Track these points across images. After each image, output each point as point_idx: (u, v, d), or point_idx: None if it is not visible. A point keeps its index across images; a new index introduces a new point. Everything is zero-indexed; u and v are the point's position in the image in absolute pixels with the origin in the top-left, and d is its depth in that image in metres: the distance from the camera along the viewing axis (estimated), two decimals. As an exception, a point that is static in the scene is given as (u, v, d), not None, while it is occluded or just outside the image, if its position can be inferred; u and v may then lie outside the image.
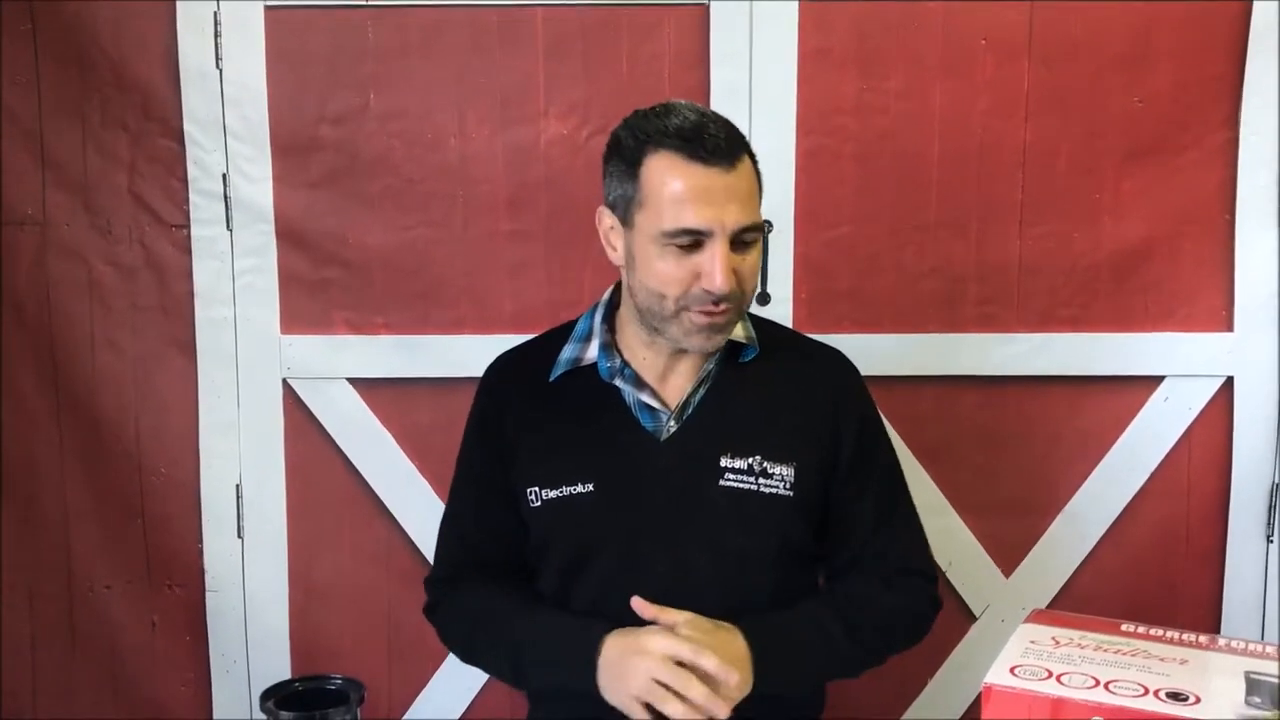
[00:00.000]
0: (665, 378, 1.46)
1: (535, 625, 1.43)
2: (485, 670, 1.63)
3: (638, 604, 1.33)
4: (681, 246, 1.33)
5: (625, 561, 1.43)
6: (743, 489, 1.41)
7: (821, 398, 1.49)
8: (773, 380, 1.47)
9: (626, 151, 1.38)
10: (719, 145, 1.32)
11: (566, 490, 1.43)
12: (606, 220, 1.44)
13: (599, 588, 1.44)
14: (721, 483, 1.41)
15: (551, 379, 1.48)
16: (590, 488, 1.42)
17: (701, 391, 1.45)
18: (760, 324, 1.53)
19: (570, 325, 1.54)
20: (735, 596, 1.42)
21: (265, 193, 2.06)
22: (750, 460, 1.42)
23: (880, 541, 1.51)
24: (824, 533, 1.50)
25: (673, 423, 1.44)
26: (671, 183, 1.32)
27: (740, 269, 1.35)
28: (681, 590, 1.40)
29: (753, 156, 1.39)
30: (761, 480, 1.41)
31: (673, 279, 1.34)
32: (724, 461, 1.41)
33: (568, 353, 1.49)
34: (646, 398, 1.44)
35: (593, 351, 1.47)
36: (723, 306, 1.35)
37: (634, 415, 1.44)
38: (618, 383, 1.44)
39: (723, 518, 1.41)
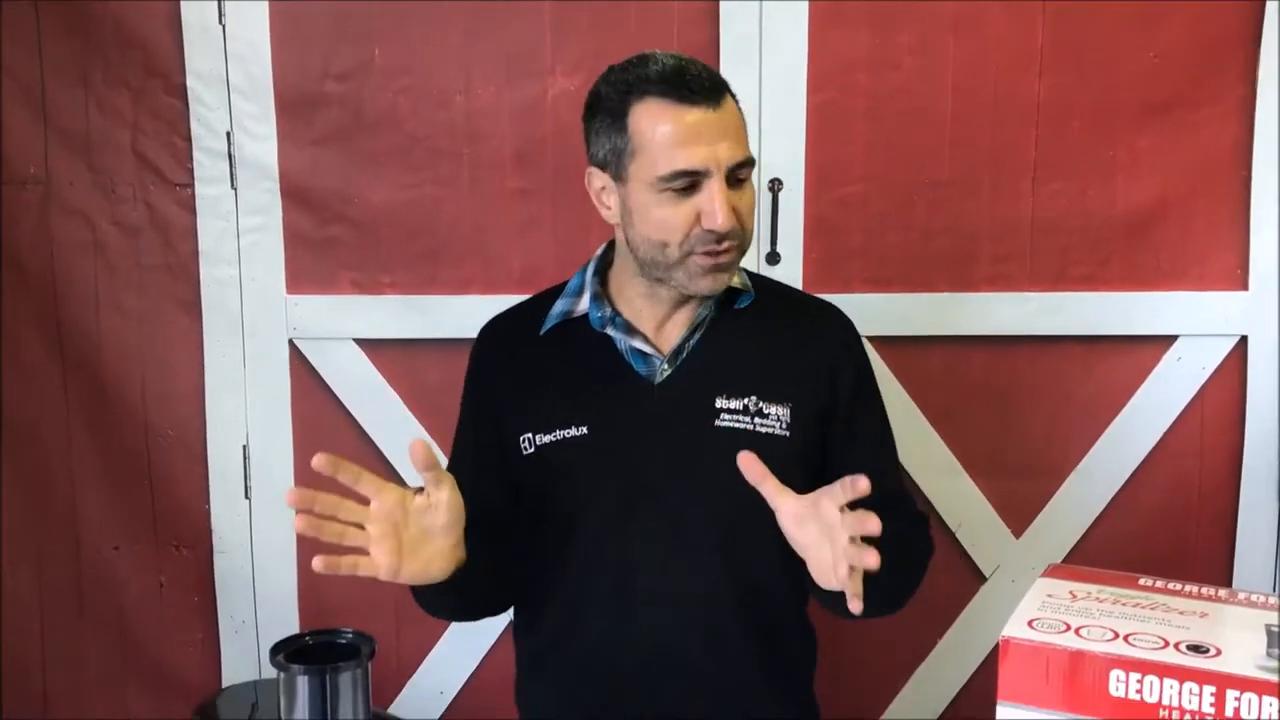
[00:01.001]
0: (661, 326, 1.44)
1: None
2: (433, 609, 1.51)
3: (745, 459, 1.22)
4: (678, 190, 1.32)
5: (622, 504, 1.41)
6: (738, 429, 1.39)
7: (819, 345, 1.48)
8: (768, 326, 1.46)
9: (610, 105, 1.37)
10: (703, 84, 1.32)
11: (560, 434, 1.41)
12: (597, 181, 1.43)
13: (597, 531, 1.42)
14: (717, 423, 1.40)
15: (543, 332, 1.47)
16: (584, 430, 1.41)
17: (696, 336, 1.43)
18: (755, 278, 1.51)
19: (562, 284, 1.53)
20: (733, 538, 1.41)
21: (270, 151, 2.04)
22: (746, 400, 1.40)
23: (878, 489, 1.48)
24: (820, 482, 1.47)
25: (666, 367, 1.42)
26: (661, 127, 1.32)
27: (738, 206, 1.34)
28: (680, 532, 1.40)
29: (734, 97, 1.38)
30: (758, 420, 1.40)
31: (674, 225, 1.33)
32: (719, 402, 1.40)
33: (560, 306, 1.47)
34: (639, 344, 1.42)
35: (584, 304, 1.46)
36: (725, 245, 1.34)
37: (627, 361, 1.43)
38: (609, 331, 1.43)
39: (719, 458, 1.36)
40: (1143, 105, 2.00)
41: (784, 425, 1.41)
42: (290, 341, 2.09)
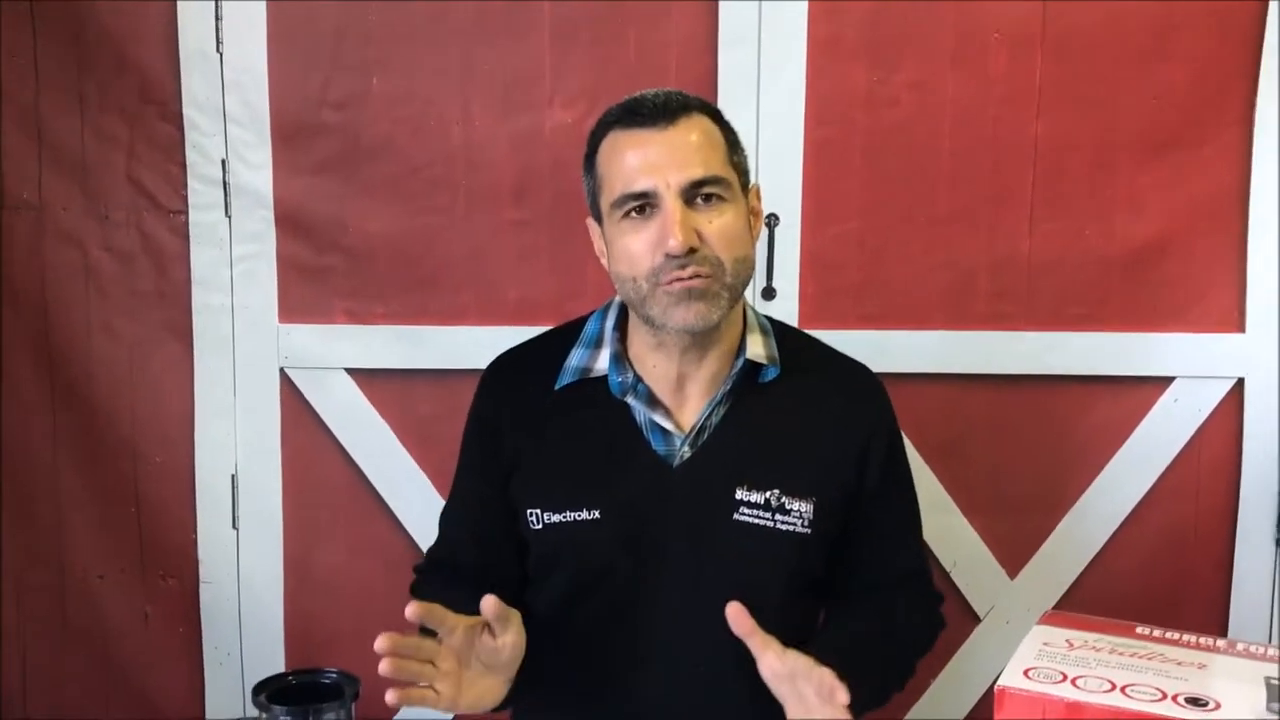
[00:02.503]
0: (679, 393, 1.37)
1: None
2: None
3: (734, 611, 1.21)
4: (637, 216, 1.28)
5: (631, 591, 1.36)
6: (757, 525, 1.34)
7: (848, 425, 1.40)
8: (795, 404, 1.38)
9: (588, 151, 1.36)
10: (654, 107, 1.28)
11: (571, 516, 1.35)
12: (593, 233, 1.39)
13: (603, 614, 1.38)
14: (736, 516, 1.34)
15: (558, 388, 1.39)
16: (596, 514, 1.35)
17: (719, 415, 1.36)
18: (784, 338, 1.43)
19: (577, 324, 1.45)
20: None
21: (265, 179, 2.03)
22: (768, 494, 1.34)
23: (894, 568, 1.45)
24: (836, 554, 1.43)
25: (686, 448, 1.35)
26: (615, 157, 1.30)
27: (706, 229, 1.27)
28: (689, 620, 1.35)
29: (714, 116, 1.33)
30: (778, 516, 1.34)
31: (636, 253, 1.28)
32: (739, 494, 1.34)
33: (575, 359, 1.40)
34: (659, 418, 1.35)
35: (603, 361, 1.38)
36: (691, 270, 1.26)
37: (645, 437, 1.36)
38: (629, 400, 1.36)
39: (735, 552, 1.34)
40: (1140, 145, 2.00)
41: (805, 523, 1.35)
42: (281, 370, 2.08)
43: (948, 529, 2.08)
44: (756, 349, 1.38)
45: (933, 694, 2.12)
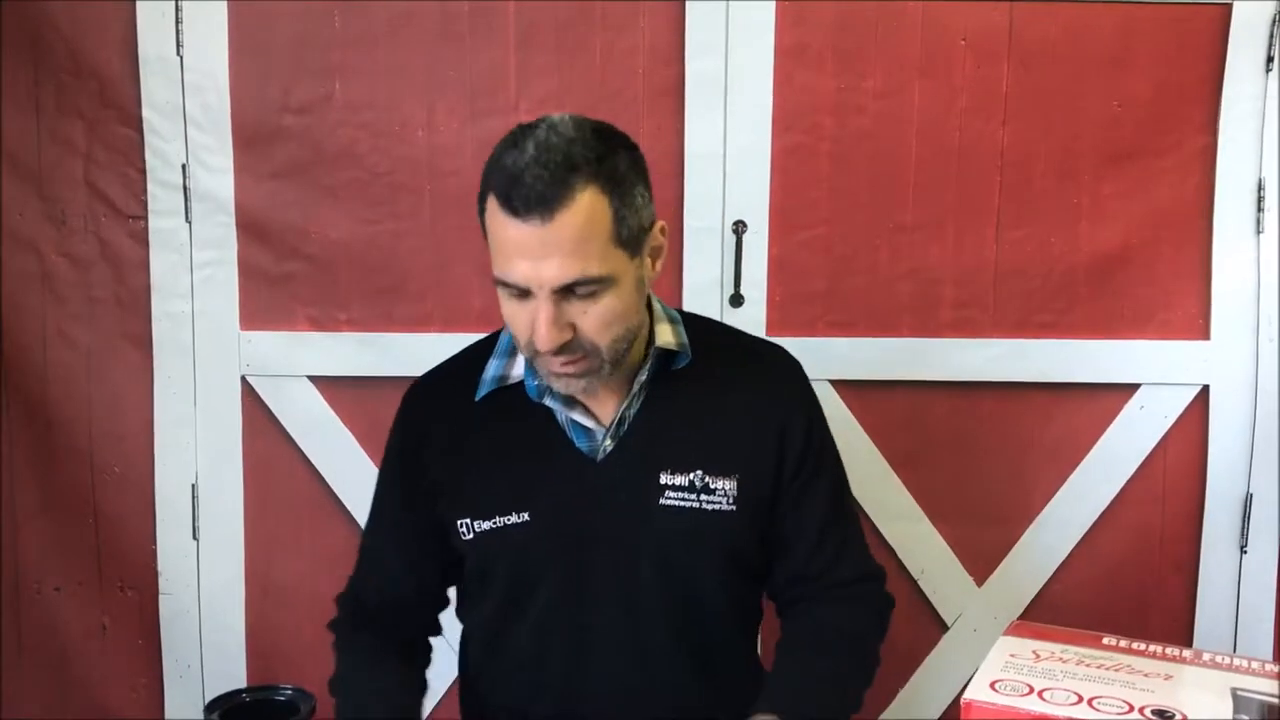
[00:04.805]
0: (597, 392, 1.35)
1: None
2: None
3: None
4: (514, 295, 1.24)
5: (568, 590, 1.37)
6: (684, 507, 1.35)
7: (765, 402, 1.40)
8: (711, 388, 1.38)
9: (481, 192, 1.26)
10: (533, 196, 1.18)
11: (501, 521, 1.35)
12: None
13: (542, 617, 1.38)
14: (662, 501, 1.35)
15: (477, 399, 1.38)
16: (526, 517, 1.35)
17: (636, 405, 1.36)
18: (696, 327, 1.42)
19: (491, 337, 1.44)
20: (684, 615, 1.37)
21: (226, 184, 2.00)
22: (691, 476, 1.35)
23: (827, 552, 1.43)
24: (768, 543, 1.43)
25: (608, 441, 1.36)
26: (496, 231, 1.23)
27: (580, 320, 1.23)
28: (629, 614, 1.36)
29: (603, 180, 1.21)
30: (704, 496, 1.35)
31: (515, 325, 1.27)
32: (664, 479, 1.35)
33: (492, 370, 1.39)
34: (579, 416, 1.35)
35: (519, 368, 1.38)
36: (563, 359, 1.25)
37: (568, 436, 1.36)
38: (547, 401, 1.35)
39: (666, 537, 1.35)
40: (1106, 153, 2.01)
41: (730, 500, 1.36)
42: (243, 378, 2.05)
43: (914, 537, 2.08)
44: (666, 338, 1.37)
45: (900, 701, 2.12)
